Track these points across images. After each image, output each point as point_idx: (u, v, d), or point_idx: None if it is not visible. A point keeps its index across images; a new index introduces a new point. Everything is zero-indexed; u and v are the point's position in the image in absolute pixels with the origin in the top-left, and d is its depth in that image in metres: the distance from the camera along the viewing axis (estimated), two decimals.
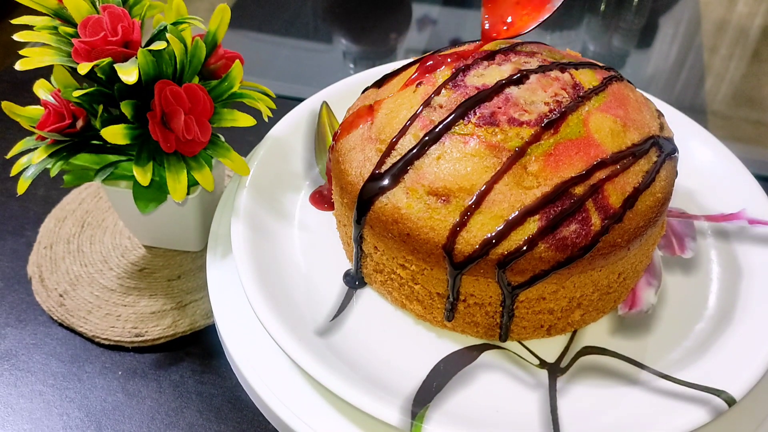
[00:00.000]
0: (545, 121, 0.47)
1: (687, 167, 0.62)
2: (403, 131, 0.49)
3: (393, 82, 0.55)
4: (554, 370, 0.50)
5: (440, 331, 0.53)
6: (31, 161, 0.52)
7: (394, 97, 0.52)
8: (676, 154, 0.52)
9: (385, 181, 0.48)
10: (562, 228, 0.45)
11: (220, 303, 0.54)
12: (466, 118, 0.47)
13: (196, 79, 0.55)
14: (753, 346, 0.48)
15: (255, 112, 0.58)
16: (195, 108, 0.52)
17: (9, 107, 0.53)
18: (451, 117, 0.48)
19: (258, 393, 0.48)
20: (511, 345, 0.52)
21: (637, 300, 0.55)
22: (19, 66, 0.50)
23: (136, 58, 0.50)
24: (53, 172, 0.52)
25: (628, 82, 0.54)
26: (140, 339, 0.60)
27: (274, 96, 0.61)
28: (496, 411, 0.47)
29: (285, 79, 1.00)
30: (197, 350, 0.61)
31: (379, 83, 0.58)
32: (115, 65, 0.50)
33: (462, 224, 0.45)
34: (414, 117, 0.49)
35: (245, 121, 0.56)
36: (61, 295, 0.64)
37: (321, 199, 0.61)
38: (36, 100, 0.55)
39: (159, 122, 0.51)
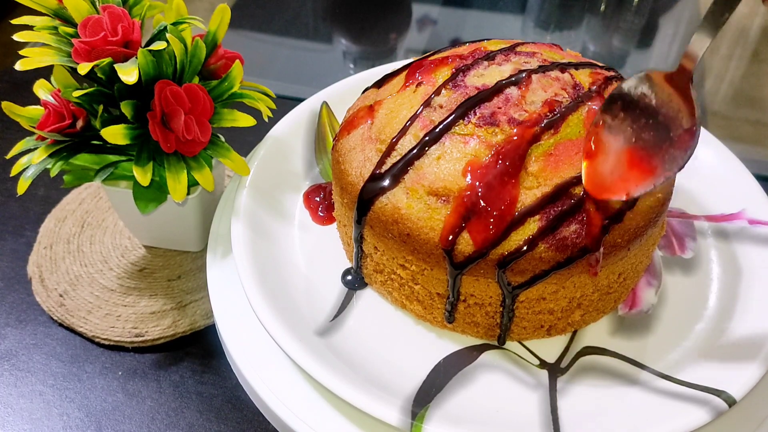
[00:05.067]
0: (545, 121, 0.47)
1: (687, 167, 0.62)
2: (403, 131, 0.49)
3: (393, 82, 0.55)
4: (554, 370, 0.50)
5: (440, 332, 0.53)
6: (31, 161, 0.52)
7: (394, 97, 0.52)
8: None
9: (386, 182, 0.48)
10: (562, 228, 0.45)
11: (220, 303, 0.54)
12: (466, 118, 0.47)
13: (196, 79, 0.55)
14: (753, 346, 0.48)
15: (255, 112, 0.58)
16: (195, 108, 0.52)
17: (9, 107, 0.53)
18: (451, 117, 0.47)
19: (258, 393, 0.48)
20: (511, 345, 0.52)
21: (637, 300, 0.55)
22: (19, 66, 0.50)
23: (136, 58, 0.50)
24: (53, 172, 0.52)
25: None
26: (140, 339, 0.60)
27: (274, 96, 0.61)
28: (497, 411, 0.47)
29: (285, 79, 0.99)
30: (197, 350, 0.61)
31: (379, 83, 0.58)
32: (115, 65, 0.50)
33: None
34: (414, 117, 0.49)
35: (245, 121, 0.56)
36: (61, 295, 0.64)
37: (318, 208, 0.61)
38: (36, 100, 0.55)
39: (159, 122, 0.51)
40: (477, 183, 0.45)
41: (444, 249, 0.46)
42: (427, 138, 0.47)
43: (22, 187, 0.53)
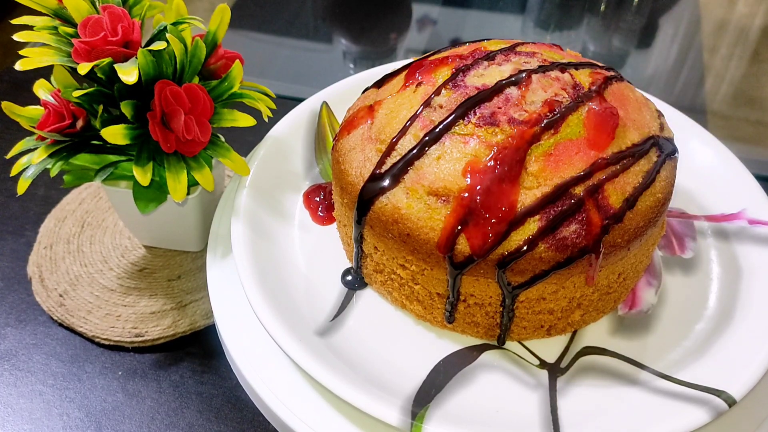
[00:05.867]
0: (545, 121, 0.47)
1: (687, 167, 0.62)
2: (403, 131, 0.49)
3: (393, 82, 0.55)
4: (554, 370, 0.50)
5: (440, 332, 0.53)
6: (31, 161, 0.52)
7: (394, 97, 0.52)
8: (676, 154, 0.52)
9: (386, 182, 0.48)
10: (562, 228, 0.45)
11: (220, 303, 0.54)
12: (466, 118, 0.47)
13: (196, 79, 0.55)
14: (753, 346, 0.48)
15: (255, 112, 0.58)
16: (195, 108, 0.52)
17: (9, 107, 0.53)
18: (451, 117, 0.47)
19: (258, 393, 0.48)
20: (511, 345, 0.52)
21: (637, 300, 0.55)
22: (19, 66, 0.50)
23: (136, 58, 0.50)
24: (53, 172, 0.52)
25: (628, 82, 0.54)
26: (140, 339, 0.60)
27: (274, 96, 0.61)
28: (496, 411, 0.47)
29: (285, 79, 1.00)
30: (197, 350, 0.61)
31: (379, 83, 0.58)
32: (115, 65, 0.50)
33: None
34: (414, 117, 0.49)
35: (245, 121, 0.56)
36: (61, 295, 0.64)
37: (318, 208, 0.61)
38: (36, 100, 0.55)
39: (159, 122, 0.51)
40: (477, 185, 0.45)
41: (443, 254, 0.46)
42: (427, 138, 0.47)
43: (22, 187, 0.53)
